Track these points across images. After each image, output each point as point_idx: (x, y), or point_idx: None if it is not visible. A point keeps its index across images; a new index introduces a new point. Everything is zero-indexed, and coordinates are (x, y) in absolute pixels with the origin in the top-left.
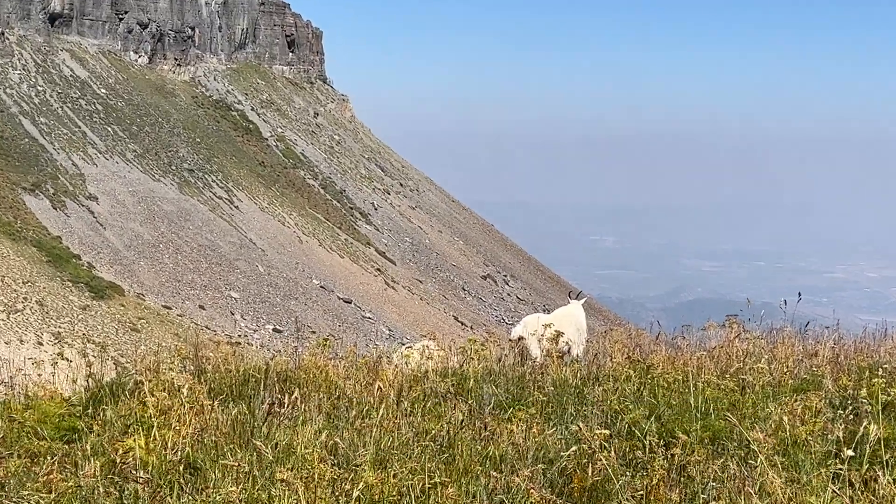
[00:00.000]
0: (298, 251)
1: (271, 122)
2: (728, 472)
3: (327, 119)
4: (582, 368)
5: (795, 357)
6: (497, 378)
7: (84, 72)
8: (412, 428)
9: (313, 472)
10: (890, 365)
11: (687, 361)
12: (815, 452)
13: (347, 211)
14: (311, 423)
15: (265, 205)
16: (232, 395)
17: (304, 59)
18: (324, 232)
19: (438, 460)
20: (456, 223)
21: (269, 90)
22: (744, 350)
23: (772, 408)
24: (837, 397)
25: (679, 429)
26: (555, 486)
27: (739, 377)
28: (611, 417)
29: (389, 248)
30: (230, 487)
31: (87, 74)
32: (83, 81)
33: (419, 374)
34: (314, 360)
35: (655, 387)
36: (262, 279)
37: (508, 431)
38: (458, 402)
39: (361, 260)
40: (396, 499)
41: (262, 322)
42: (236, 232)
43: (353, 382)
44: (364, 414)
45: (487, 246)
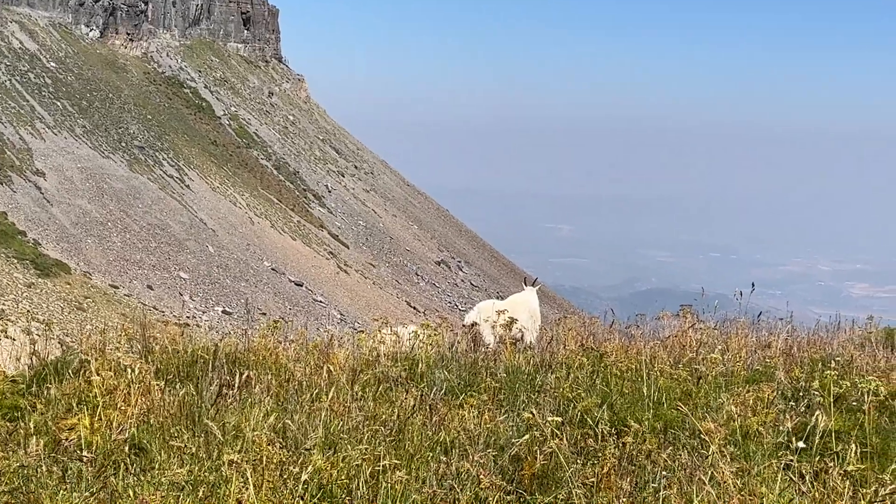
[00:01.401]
0: (250, 232)
1: (225, 100)
2: (679, 462)
3: (282, 99)
4: (535, 355)
5: (749, 348)
6: (449, 364)
7: (33, 44)
8: (362, 412)
9: (261, 455)
10: (842, 358)
11: (640, 350)
12: (766, 443)
13: (301, 193)
14: (260, 405)
15: (217, 184)
16: (179, 377)
17: (259, 37)
18: (276, 213)
19: (388, 445)
20: (411, 207)
21: (223, 68)
22: (697, 340)
23: (724, 398)
24: (789, 389)
25: (631, 417)
26: (505, 472)
27: (692, 367)
28: (563, 405)
29: (343, 232)
30: (176, 468)
31: (36, 47)
32: (32, 54)
33: (370, 359)
34: (264, 343)
35: (608, 375)
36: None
37: (460, 417)
38: (409, 387)
39: (314, 243)
40: (345, 483)
41: (211, 303)
42: (186, 211)
43: (304, 365)
44: (314, 397)
45: (442, 231)
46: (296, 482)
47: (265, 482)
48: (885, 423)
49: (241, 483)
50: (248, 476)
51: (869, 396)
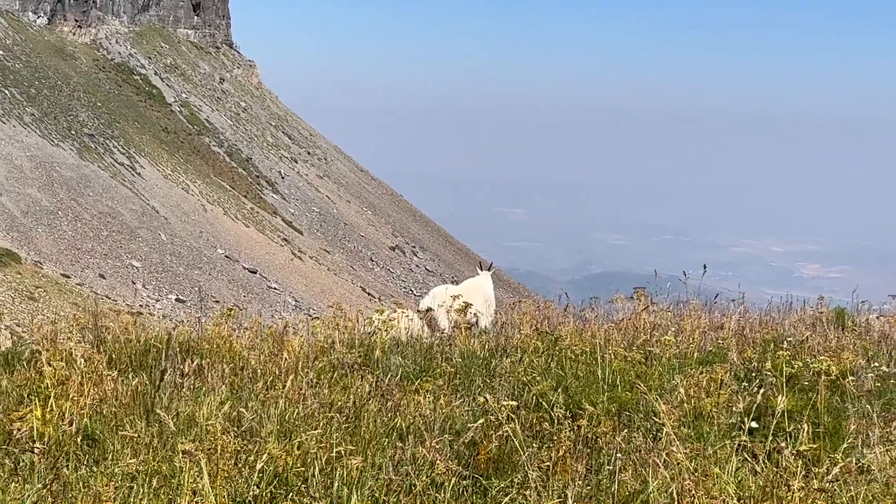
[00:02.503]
0: (203, 220)
1: (175, 87)
2: (634, 444)
3: (233, 85)
4: (490, 340)
5: (702, 330)
6: (405, 349)
7: None
8: (318, 399)
9: (216, 444)
10: (794, 338)
11: (594, 333)
12: (720, 424)
13: (254, 179)
14: (215, 394)
15: (168, 172)
16: (132, 366)
17: (209, 22)
18: (229, 200)
19: (344, 432)
20: (365, 193)
21: (173, 54)
22: (651, 322)
23: (678, 380)
24: (742, 370)
25: (586, 400)
26: (461, 457)
27: (646, 349)
28: (518, 389)
29: (296, 218)
30: (129, 459)
31: None
32: None
33: (325, 346)
34: (218, 331)
35: (563, 359)
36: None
37: (415, 403)
38: (364, 373)
39: (268, 229)
40: (301, 470)
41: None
42: (138, 199)
43: (258, 353)
44: (269, 385)
45: (396, 217)
46: (251, 471)
47: (220, 471)
48: (836, 402)
49: (196, 472)
50: (203, 465)
51: (821, 376)
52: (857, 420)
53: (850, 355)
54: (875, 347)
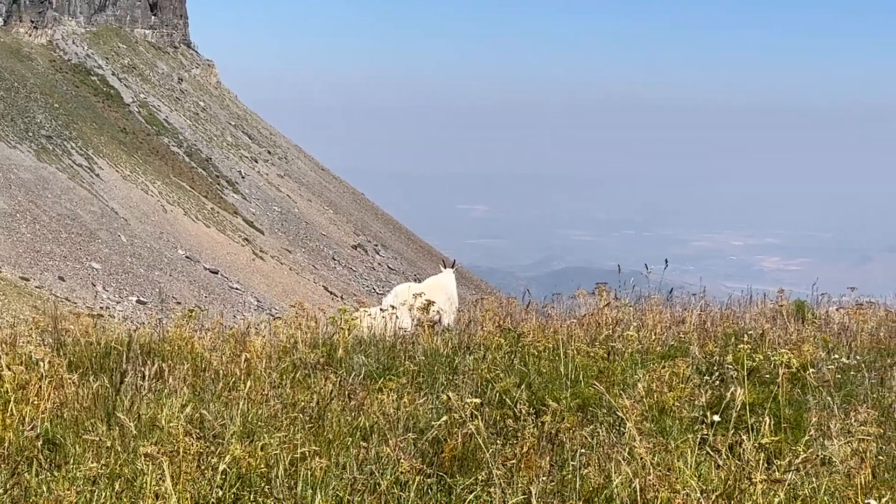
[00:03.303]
0: (163, 220)
1: (133, 87)
2: (597, 439)
3: (192, 85)
4: (453, 337)
5: (664, 324)
6: (368, 348)
7: None
8: (281, 400)
9: (178, 446)
10: (755, 331)
11: (557, 329)
12: (682, 418)
13: (214, 179)
14: (176, 395)
15: (127, 173)
16: (93, 369)
17: (167, 22)
18: (189, 201)
19: (307, 432)
20: (326, 192)
21: (130, 54)
22: (613, 318)
23: (640, 375)
24: (704, 363)
25: (549, 396)
26: (425, 455)
27: (609, 345)
28: (482, 386)
29: (257, 218)
30: (91, 463)
31: None
32: None
33: (288, 346)
34: (179, 332)
35: (526, 355)
36: (124, 249)
37: (379, 401)
38: (328, 372)
39: (228, 229)
40: (264, 471)
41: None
42: (97, 201)
43: (220, 354)
44: (231, 386)
45: (358, 215)
46: (213, 472)
47: (182, 473)
48: (797, 394)
49: (158, 475)
50: (165, 468)
51: (781, 369)
52: (818, 412)
53: (810, 348)
54: (835, 339)
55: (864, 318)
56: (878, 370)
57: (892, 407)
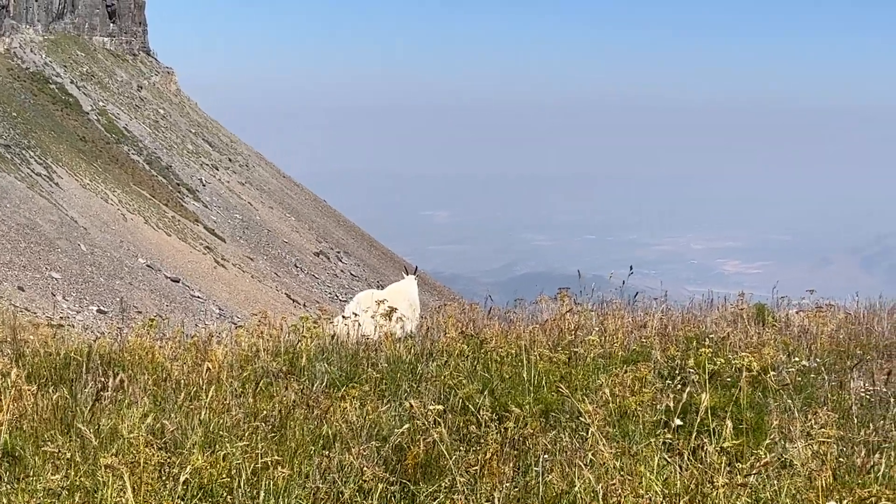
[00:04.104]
0: (123, 229)
1: (92, 95)
2: (560, 445)
3: (151, 92)
4: (416, 344)
5: (625, 329)
6: (330, 356)
7: None
8: (243, 409)
9: (139, 457)
10: (716, 335)
11: (520, 335)
12: (644, 422)
13: (174, 187)
14: (137, 406)
15: (87, 181)
16: (53, 380)
17: (126, 30)
18: (150, 209)
19: (270, 441)
20: (287, 199)
21: (89, 62)
22: (575, 323)
23: (602, 379)
24: (666, 368)
25: (512, 402)
26: (388, 463)
27: (571, 350)
28: (444, 393)
29: (219, 226)
30: (51, 475)
31: None
32: None
33: (250, 354)
34: (140, 342)
35: (489, 361)
36: (84, 259)
37: (342, 409)
38: (290, 381)
39: (190, 238)
40: (226, 481)
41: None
42: (57, 210)
43: (181, 364)
44: (192, 395)
45: (320, 222)
46: (175, 483)
47: (143, 484)
48: (758, 397)
49: (119, 486)
50: (126, 479)
51: (743, 372)
52: (779, 415)
53: (770, 350)
54: (795, 342)
55: (823, 321)
56: (838, 373)
57: (852, 409)
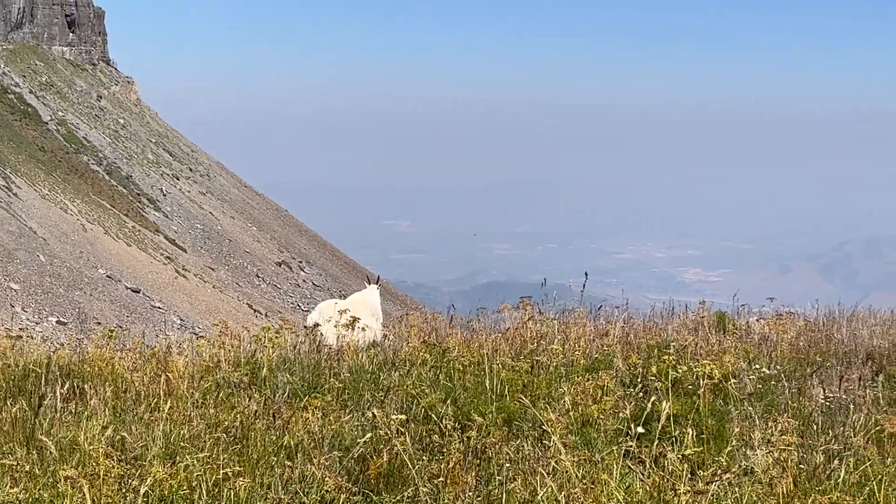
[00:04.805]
0: (83, 240)
1: (51, 105)
2: (523, 453)
3: (111, 102)
4: (378, 354)
5: (587, 337)
6: (292, 366)
7: None
8: (204, 420)
9: (99, 469)
10: (677, 343)
11: (482, 344)
12: (606, 431)
13: (134, 197)
14: (97, 417)
15: (46, 192)
16: (11, 392)
17: (85, 39)
18: (110, 219)
19: (231, 452)
20: (249, 209)
21: (48, 72)
22: (538, 331)
23: (565, 388)
24: (628, 376)
25: (475, 411)
26: (351, 473)
27: (533, 358)
28: (407, 402)
29: (179, 236)
30: (10, 488)
31: None
32: None
33: (211, 365)
34: (100, 353)
35: (451, 370)
36: (44, 269)
37: (304, 420)
38: (251, 391)
39: (150, 248)
40: (187, 493)
41: (44, 314)
42: (15, 220)
43: (142, 375)
44: (153, 407)
45: (282, 232)
46: (135, 495)
47: (103, 496)
48: (719, 405)
49: (79, 499)
50: (86, 491)
51: (704, 380)
52: (740, 422)
53: (731, 358)
54: (755, 350)
55: (783, 329)
56: (798, 380)
57: (812, 416)
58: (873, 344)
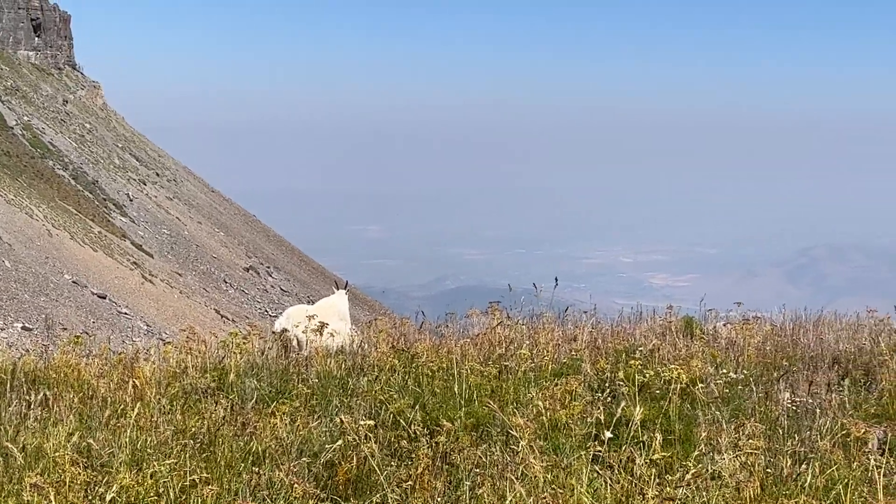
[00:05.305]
0: (48, 245)
1: (17, 109)
2: (491, 458)
3: (77, 107)
4: (346, 359)
5: (555, 342)
6: (260, 371)
7: None
8: (171, 426)
9: (65, 476)
10: (645, 347)
11: (451, 349)
12: (575, 435)
13: (101, 202)
14: (63, 424)
15: (11, 196)
16: None
17: (51, 44)
18: (76, 224)
19: (199, 458)
20: (216, 214)
21: (13, 76)
22: (506, 336)
23: (533, 393)
24: (596, 381)
25: (443, 417)
26: (319, 479)
27: (502, 363)
28: (376, 408)
29: (146, 241)
30: None
31: None
32: None
33: (178, 371)
34: (65, 359)
35: (420, 375)
36: (9, 275)
37: (271, 426)
38: (219, 397)
39: (117, 253)
40: (154, 499)
41: (9, 320)
42: None
43: (108, 381)
44: (119, 413)
45: (250, 237)
46: (101, 502)
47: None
48: (687, 409)
49: None
50: (52, 498)
51: (671, 385)
52: (708, 427)
53: (699, 363)
54: (723, 354)
55: (750, 333)
56: (765, 384)
57: (779, 420)
58: (839, 348)
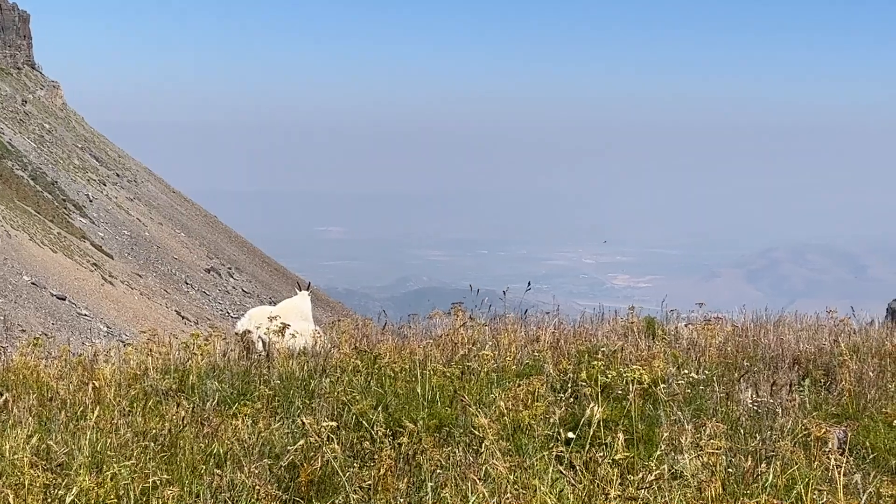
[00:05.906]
0: (7, 246)
1: None
2: (454, 459)
3: (36, 107)
4: (309, 360)
5: (518, 343)
6: (222, 373)
7: None
8: (131, 428)
9: (24, 479)
10: (607, 348)
11: (414, 350)
12: (538, 436)
13: (60, 203)
14: (21, 426)
15: None
16: None
17: (10, 43)
18: (34, 225)
19: (160, 460)
20: (177, 215)
21: None
22: (469, 337)
23: (496, 393)
24: (558, 381)
25: (406, 418)
26: (281, 481)
27: (465, 364)
28: (338, 409)
29: (106, 242)
30: None
31: None
32: None
33: (138, 372)
34: (24, 361)
35: (383, 377)
36: None
37: (233, 427)
38: (180, 399)
39: (76, 254)
40: (114, 502)
41: None
42: None
43: (67, 383)
44: (79, 415)
45: (211, 238)
46: None
47: None
48: (649, 410)
49: None
50: (11, 501)
51: (633, 385)
52: (670, 427)
53: (660, 363)
54: (684, 355)
55: (711, 334)
56: (726, 384)
57: (740, 420)
58: (799, 349)
